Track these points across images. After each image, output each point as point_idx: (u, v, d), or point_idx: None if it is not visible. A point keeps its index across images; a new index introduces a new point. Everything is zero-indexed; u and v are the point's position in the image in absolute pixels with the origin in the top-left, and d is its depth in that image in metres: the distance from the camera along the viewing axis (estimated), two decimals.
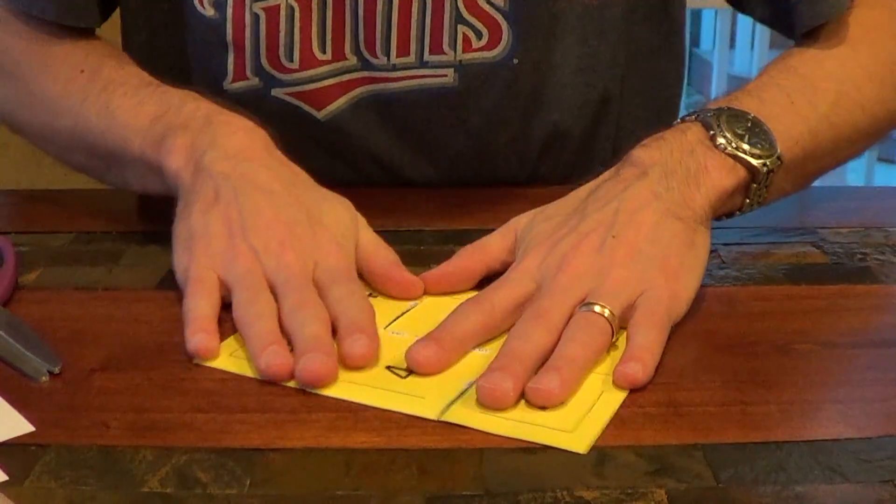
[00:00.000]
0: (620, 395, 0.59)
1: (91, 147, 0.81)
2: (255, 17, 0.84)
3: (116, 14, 0.94)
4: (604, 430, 0.56)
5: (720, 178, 0.70)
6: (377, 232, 0.73)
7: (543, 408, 0.57)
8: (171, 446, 0.54)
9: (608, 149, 0.95)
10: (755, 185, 0.72)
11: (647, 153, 0.71)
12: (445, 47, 0.85)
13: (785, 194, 0.78)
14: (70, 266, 0.76)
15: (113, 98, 0.79)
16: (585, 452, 0.54)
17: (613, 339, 0.63)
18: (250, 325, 0.63)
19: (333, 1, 0.84)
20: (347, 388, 0.60)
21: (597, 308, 0.62)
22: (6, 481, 0.51)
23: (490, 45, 0.86)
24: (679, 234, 0.67)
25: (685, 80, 1.05)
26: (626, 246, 0.66)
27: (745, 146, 0.71)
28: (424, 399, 0.58)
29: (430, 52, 0.86)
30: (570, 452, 0.54)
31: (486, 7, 0.85)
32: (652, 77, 0.97)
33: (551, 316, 0.63)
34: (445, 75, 0.86)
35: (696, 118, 0.73)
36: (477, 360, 0.62)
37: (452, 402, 0.58)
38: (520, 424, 0.56)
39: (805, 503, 0.50)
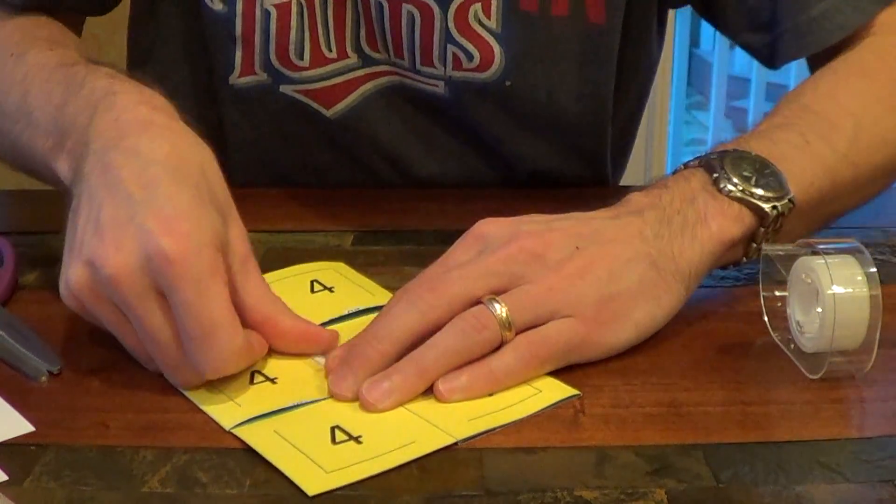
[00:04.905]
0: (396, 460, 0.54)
1: (12, 146, 0.76)
2: (266, 14, 0.83)
3: (117, 15, 0.94)
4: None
5: (721, 228, 0.65)
6: (377, 232, 0.72)
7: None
8: (171, 446, 0.54)
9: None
10: (763, 230, 0.66)
11: (647, 198, 0.67)
12: (436, 62, 0.83)
13: (799, 238, 0.69)
14: None
15: (31, 89, 0.74)
16: (311, 494, 0.51)
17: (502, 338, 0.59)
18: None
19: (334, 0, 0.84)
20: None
21: (496, 307, 0.59)
22: (6, 481, 0.51)
23: (481, 68, 0.83)
24: (646, 282, 0.62)
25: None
26: (580, 262, 0.62)
27: (753, 189, 0.66)
28: (240, 407, 0.57)
29: (421, 63, 0.84)
30: (571, 452, 0.54)
31: (478, 28, 0.82)
32: (630, 100, 0.94)
33: (444, 296, 0.60)
34: (437, 86, 0.85)
35: (699, 163, 0.68)
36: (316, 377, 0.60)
37: (257, 419, 0.56)
38: (289, 454, 0.54)
39: (805, 503, 0.50)
